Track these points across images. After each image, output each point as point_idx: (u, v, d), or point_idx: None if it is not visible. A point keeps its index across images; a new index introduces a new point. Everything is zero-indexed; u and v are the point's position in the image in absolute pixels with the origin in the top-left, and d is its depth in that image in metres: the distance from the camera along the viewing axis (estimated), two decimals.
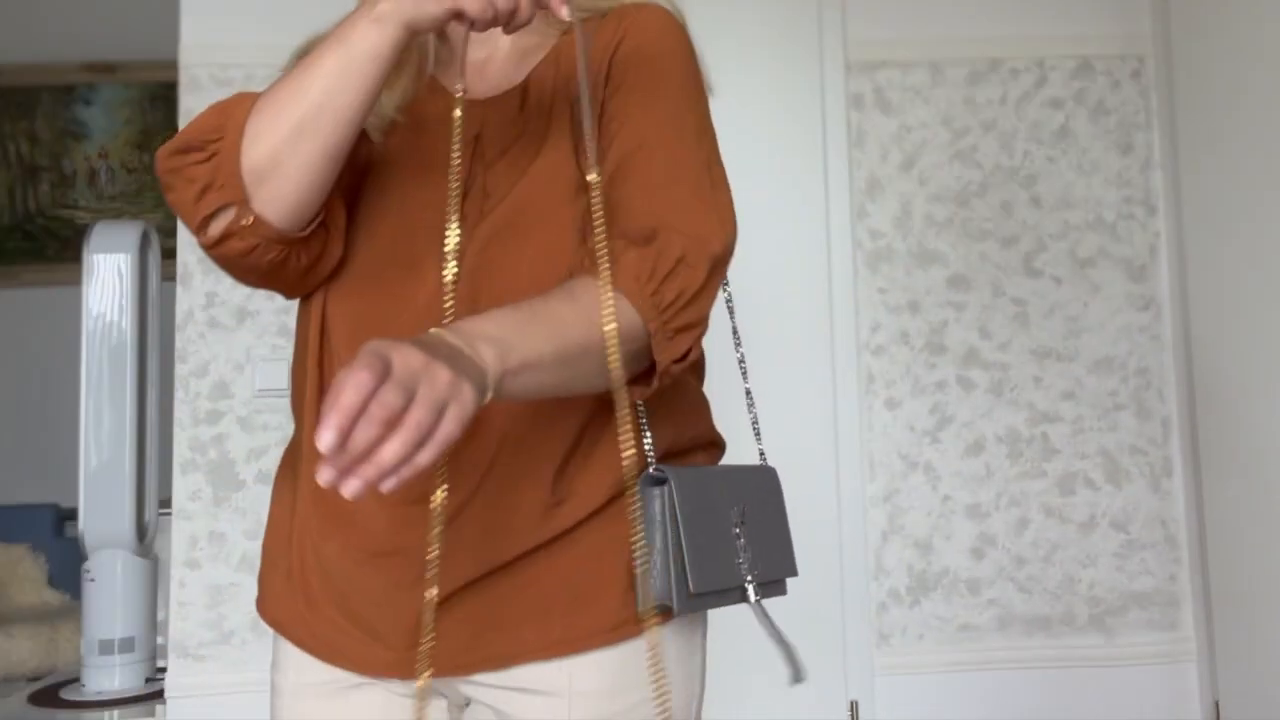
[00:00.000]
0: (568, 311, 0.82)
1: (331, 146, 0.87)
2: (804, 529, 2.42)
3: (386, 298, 0.93)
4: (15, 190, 4.42)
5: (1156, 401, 2.50)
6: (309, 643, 0.97)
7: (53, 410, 4.16)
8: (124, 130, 4.46)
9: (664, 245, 0.87)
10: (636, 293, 0.85)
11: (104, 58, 4.43)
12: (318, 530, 0.95)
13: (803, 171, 2.49)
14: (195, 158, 0.89)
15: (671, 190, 0.91)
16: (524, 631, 0.91)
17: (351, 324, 0.94)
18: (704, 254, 0.88)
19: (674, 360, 0.87)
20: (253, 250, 0.89)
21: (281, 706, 0.99)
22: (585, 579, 0.91)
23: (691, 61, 0.98)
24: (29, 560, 3.89)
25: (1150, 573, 2.46)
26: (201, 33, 2.39)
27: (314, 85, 0.86)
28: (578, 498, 0.91)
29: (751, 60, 2.50)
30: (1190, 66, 2.41)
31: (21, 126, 4.43)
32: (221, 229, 0.88)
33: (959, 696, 2.39)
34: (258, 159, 0.87)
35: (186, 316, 2.35)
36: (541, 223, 0.92)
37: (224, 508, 2.31)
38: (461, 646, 0.90)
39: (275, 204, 0.87)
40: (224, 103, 0.93)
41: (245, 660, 2.27)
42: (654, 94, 0.94)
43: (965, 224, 2.50)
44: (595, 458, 0.92)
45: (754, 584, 0.91)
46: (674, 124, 0.94)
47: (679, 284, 0.86)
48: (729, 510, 0.92)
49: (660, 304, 0.85)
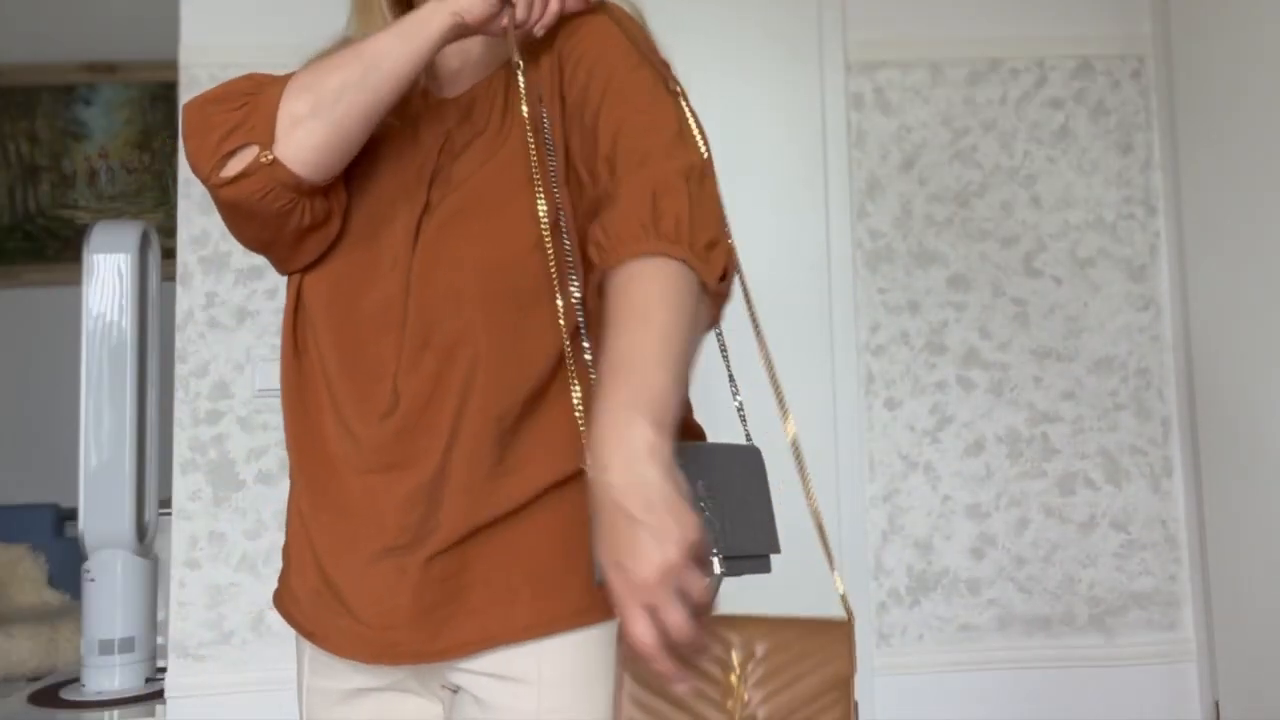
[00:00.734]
0: (664, 325, 0.82)
1: (370, 106, 0.95)
2: (804, 529, 2.42)
3: (357, 266, 1.00)
4: (15, 190, 4.42)
5: (1156, 401, 2.50)
6: (305, 625, 1.00)
7: (53, 410, 4.16)
8: (124, 130, 4.46)
9: (635, 190, 0.88)
10: (643, 240, 0.85)
11: (104, 58, 4.43)
12: (309, 504, 1.00)
13: (803, 171, 2.49)
14: (228, 105, 0.96)
15: (628, 141, 0.93)
16: (490, 615, 0.92)
17: (328, 287, 1.01)
18: (674, 174, 0.89)
19: (718, 279, 0.87)
20: (266, 194, 0.94)
21: (305, 705, 1.04)
22: (549, 559, 0.92)
23: (630, 44, 1.01)
24: (29, 560, 3.89)
25: (1150, 573, 2.46)
26: (201, 33, 2.39)
27: (371, 50, 0.95)
28: (529, 470, 0.93)
29: (751, 60, 2.50)
30: (1190, 66, 2.41)
31: (21, 126, 4.43)
32: (241, 167, 0.94)
33: (959, 696, 2.39)
34: (298, 107, 0.94)
35: (186, 316, 2.35)
36: (493, 210, 0.96)
37: (224, 508, 2.31)
38: (429, 634, 0.92)
39: (301, 151, 0.94)
40: (254, 74, 1.00)
41: (245, 660, 2.28)
42: (610, 86, 0.97)
43: (965, 224, 2.50)
44: (546, 432, 0.94)
45: (717, 557, 0.89)
46: (624, 91, 0.96)
47: (671, 213, 0.86)
48: (691, 484, 0.88)
49: (667, 237, 0.85)
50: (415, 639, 0.92)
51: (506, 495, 0.93)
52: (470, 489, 0.92)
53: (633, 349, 0.81)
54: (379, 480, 0.94)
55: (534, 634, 0.91)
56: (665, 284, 0.84)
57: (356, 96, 0.94)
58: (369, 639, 0.94)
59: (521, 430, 0.94)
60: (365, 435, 0.96)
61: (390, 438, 0.94)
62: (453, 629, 0.92)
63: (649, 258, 0.84)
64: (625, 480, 0.75)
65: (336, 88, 0.94)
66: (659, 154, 0.91)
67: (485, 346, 0.93)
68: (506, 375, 0.93)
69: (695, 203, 0.88)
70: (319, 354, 0.99)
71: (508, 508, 0.92)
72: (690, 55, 2.46)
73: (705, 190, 0.90)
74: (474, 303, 0.94)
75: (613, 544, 0.75)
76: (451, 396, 0.93)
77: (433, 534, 0.92)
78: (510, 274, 0.94)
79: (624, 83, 0.97)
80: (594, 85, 0.97)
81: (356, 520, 0.95)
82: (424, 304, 0.95)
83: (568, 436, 0.92)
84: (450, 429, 0.93)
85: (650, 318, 0.82)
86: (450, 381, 0.93)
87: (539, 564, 0.92)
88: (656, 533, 0.73)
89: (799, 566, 2.50)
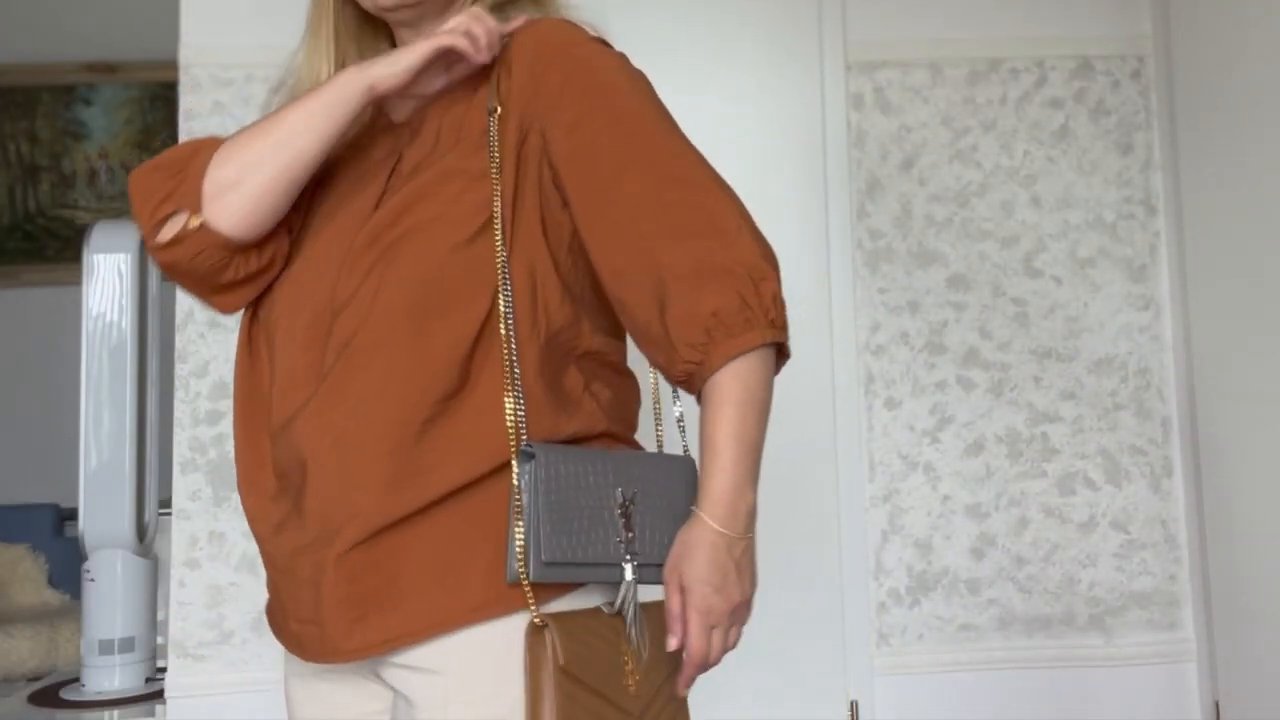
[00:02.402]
0: (738, 428, 0.96)
1: (290, 174, 1.03)
2: (804, 529, 2.42)
3: (311, 270, 1.06)
4: (15, 190, 4.42)
5: (1156, 401, 2.50)
6: (269, 619, 1.09)
7: (53, 410, 4.16)
8: (124, 130, 4.46)
9: (649, 304, 0.97)
10: (689, 350, 0.95)
11: (104, 58, 4.42)
12: (250, 502, 1.07)
13: (803, 171, 2.49)
14: (165, 173, 1.04)
15: (644, 244, 0.98)
16: (397, 613, 0.95)
17: (281, 307, 1.07)
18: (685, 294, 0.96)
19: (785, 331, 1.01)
20: (197, 254, 1.03)
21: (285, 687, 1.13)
22: (453, 557, 0.95)
23: (595, 70, 1.04)
24: (29, 560, 3.89)
25: (1150, 573, 2.46)
26: (201, 33, 2.39)
27: (288, 125, 1.03)
28: (438, 472, 0.96)
29: (751, 60, 2.50)
30: (1190, 66, 2.41)
31: (21, 126, 4.43)
32: (173, 232, 1.02)
33: (959, 696, 2.39)
34: (221, 177, 1.02)
35: (186, 316, 2.35)
36: (421, 222, 1.00)
37: (224, 508, 2.31)
38: (344, 633, 0.96)
39: (228, 214, 1.02)
40: (197, 140, 1.09)
41: (245, 660, 2.27)
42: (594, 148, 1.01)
43: (965, 224, 2.50)
44: (454, 435, 0.97)
45: (633, 564, 0.96)
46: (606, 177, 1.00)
47: (692, 329, 0.95)
48: (610, 491, 0.96)
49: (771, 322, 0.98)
50: (334, 637, 0.96)
51: (415, 495, 0.95)
52: (375, 488, 0.96)
53: (735, 449, 0.96)
54: (285, 483, 1.02)
55: (437, 630, 0.95)
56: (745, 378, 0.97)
57: (276, 166, 1.02)
58: (300, 635, 1.00)
59: (430, 432, 0.96)
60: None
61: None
62: (364, 628, 0.96)
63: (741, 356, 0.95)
64: (736, 533, 0.94)
65: (255, 159, 1.02)
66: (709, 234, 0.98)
67: (393, 353, 0.97)
68: (414, 380, 0.97)
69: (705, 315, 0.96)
70: (269, 360, 1.07)
71: (415, 506, 0.95)
72: (690, 55, 2.47)
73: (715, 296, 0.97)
74: (385, 312, 0.98)
75: (708, 574, 0.93)
76: (366, 399, 0.97)
77: (341, 531, 0.96)
78: (427, 284, 0.98)
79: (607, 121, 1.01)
80: (567, 102, 1.01)
81: (292, 511, 1.01)
82: (345, 318, 1.00)
83: (475, 439, 0.96)
84: (366, 429, 0.97)
85: (722, 432, 0.96)
86: (359, 387, 0.98)
87: (443, 562, 0.95)
88: (742, 579, 0.95)
89: (800, 566, 2.50)
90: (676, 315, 0.93)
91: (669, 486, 1.01)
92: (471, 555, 0.95)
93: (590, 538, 0.95)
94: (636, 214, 0.96)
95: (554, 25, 1.05)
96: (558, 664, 0.90)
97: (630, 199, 0.97)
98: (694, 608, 0.93)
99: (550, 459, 0.94)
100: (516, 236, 0.99)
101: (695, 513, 0.95)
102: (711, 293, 0.93)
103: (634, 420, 1.09)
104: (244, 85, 2.39)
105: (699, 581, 0.93)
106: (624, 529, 0.96)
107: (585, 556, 0.94)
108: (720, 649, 0.96)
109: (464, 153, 1.01)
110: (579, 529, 0.94)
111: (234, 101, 2.38)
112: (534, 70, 1.02)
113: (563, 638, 0.91)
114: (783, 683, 2.36)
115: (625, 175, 0.97)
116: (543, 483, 0.93)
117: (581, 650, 0.92)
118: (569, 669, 0.90)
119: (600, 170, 0.98)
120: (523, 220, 1.00)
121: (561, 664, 0.90)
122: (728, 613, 0.95)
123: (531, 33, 1.04)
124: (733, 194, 1.00)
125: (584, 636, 0.93)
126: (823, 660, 2.37)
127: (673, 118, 1.04)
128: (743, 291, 0.93)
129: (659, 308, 0.94)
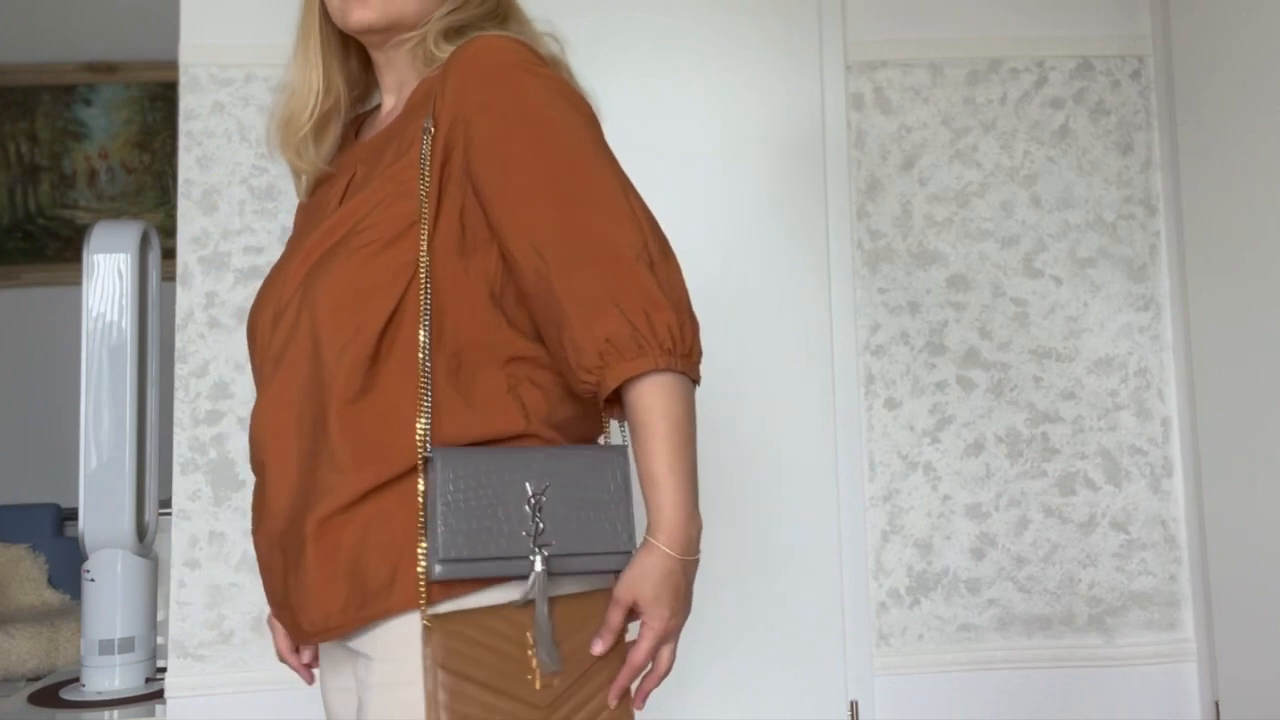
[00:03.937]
0: (670, 439, 1.00)
1: None
2: (804, 529, 2.42)
3: (279, 277, 1.13)
4: (15, 190, 4.42)
5: (1156, 401, 2.50)
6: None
7: (53, 410, 4.17)
8: (124, 130, 4.46)
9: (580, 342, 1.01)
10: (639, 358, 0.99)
11: (104, 58, 4.43)
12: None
13: (803, 172, 2.48)
14: None
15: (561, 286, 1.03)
16: (317, 609, 1.02)
17: (261, 294, 1.15)
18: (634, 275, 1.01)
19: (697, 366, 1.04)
20: None
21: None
22: (366, 556, 1.01)
23: (526, 98, 1.08)
24: (29, 560, 3.89)
25: (1150, 573, 2.46)
26: (201, 33, 2.39)
27: None
28: (355, 473, 1.01)
29: (751, 60, 2.50)
30: (1190, 66, 2.41)
31: (21, 126, 4.43)
32: None
33: (959, 696, 2.39)
34: None
35: (186, 316, 2.35)
36: (351, 233, 1.06)
37: (224, 508, 2.31)
38: (292, 619, 1.06)
39: None
40: None
41: (245, 660, 2.28)
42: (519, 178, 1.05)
43: (965, 224, 2.50)
44: (365, 438, 1.02)
45: (541, 555, 0.99)
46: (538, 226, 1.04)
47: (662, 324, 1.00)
48: (518, 486, 1.00)
49: (665, 350, 1.00)
50: (299, 621, 1.05)
51: (330, 500, 1.01)
52: (289, 491, 1.04)
53: (675, 465, 1.01)
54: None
55: (351, 626, 1.02)
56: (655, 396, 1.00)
57: None
58: (280, 618, 1.09)
59: (342, 434, 1.02)
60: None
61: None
62: (308, 616, 1.03)
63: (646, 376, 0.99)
64: (690, 556, 1.01)
65: None
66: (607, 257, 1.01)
67: (311, 359, 1.04)
68: (327, 386, 1.03)
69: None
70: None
71: (331, 510, 1.01)
72: (690, 55, 2.47)
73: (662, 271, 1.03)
74: (309, 319, 1.05)
75: (668, 598, 1.00)
76: (293, 401, 1.05)
77: (297, 522, 1.03)
78: (346, 291, 1.04)
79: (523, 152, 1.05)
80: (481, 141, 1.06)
81: (259, 506, 1.10)
82: (282, 324, 1.08)
83: (382, 443, 1.01)
84: (295, 430, 1.04)
85: (651, 442, 1.01)
86: (283, 391, 1.06)
87: (353, 558, 1.01)
88: (689, 598, 1.03)
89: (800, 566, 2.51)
90: (572, 338, 0.99)
91: (592, 478, 1.04)
92: (385, 555, 1.01)
93: (494, 534, 0.99)
94: (540, 239, 1.01)
95: (488, 44, 1.08)
96: (438, 661, 0.95)
97: (536, 223, 1.02)
98: (651, 628, 1.01)
99: (449, 461, 0.99)
100: (435, 247, 1.04)
101: (650, 540, 1.00)
102: (603, 321, 0.97)
103: (577, 420, 1.11)
104: (244, 85, 2.39)
105: (657, 604, 1.00)
106: (532, 521, 1.00)
107: (488, 551, 0.98)
108: (669, 662, 1.04)
109: (401, 168, 1.07)
110: (481, 526, 0.98)
111: (234, 101, 2.38)
112: (461, 92, 1.06)
113: (444, 636, 0.96)
114: (783, 683, 2.36)
115: (535, 200, 1.02)
116: (440, 485, 0.98)
117: (467, 648, 0.97)
118: (448, 665, 0.95)
119: (510, 193, 1.03)
120: (441, 231, 1.05)
121: (441, 661, 0.95)
122: (677, 630, 1.03)
123: (466, 53, 1.08)
124: (642, 224, 1.03)
125: (474, 634, 0.97)
126: (823, 660, 2.37)
127: (602, 143, 1.08)
128: (634, 321, 0.97)
129: (557, 329, 1.00)
